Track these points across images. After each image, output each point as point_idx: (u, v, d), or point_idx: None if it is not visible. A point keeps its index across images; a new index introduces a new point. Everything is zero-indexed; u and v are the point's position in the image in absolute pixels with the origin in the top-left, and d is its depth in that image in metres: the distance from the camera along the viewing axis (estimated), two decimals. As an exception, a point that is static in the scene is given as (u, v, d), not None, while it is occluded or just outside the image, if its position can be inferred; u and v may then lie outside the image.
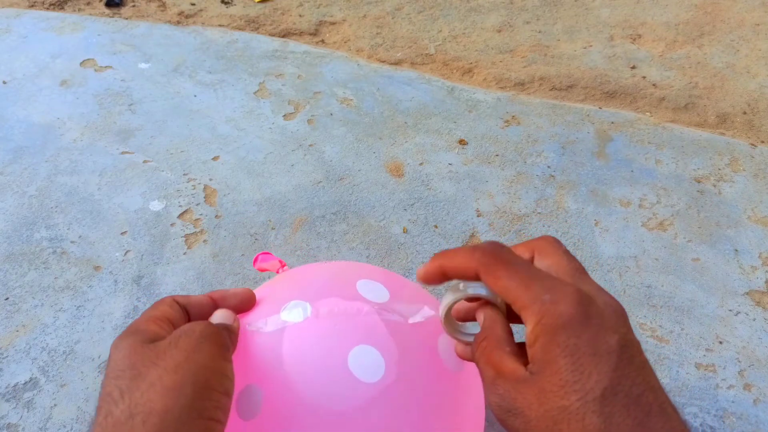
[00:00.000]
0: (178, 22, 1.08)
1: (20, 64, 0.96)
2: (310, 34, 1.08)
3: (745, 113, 0.92)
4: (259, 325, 0.35)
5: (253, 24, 1.09)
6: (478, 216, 0.73)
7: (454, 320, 0.32)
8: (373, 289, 0.38)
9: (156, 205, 0.73)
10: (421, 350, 0.36)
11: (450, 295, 0.31)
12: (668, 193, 0.77)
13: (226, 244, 0.69)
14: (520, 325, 0.26)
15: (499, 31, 1.09)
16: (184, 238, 0.69)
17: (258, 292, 0.41)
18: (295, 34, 1.08)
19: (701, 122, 0.91)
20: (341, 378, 0.33)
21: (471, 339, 0.32)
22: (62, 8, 1.10)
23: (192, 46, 1.01)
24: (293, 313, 0.35)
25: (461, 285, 0.30)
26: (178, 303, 0.32)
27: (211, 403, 0.27)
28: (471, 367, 0.38)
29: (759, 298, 0.65)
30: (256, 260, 0.51)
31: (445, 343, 0.38)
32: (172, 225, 0.71)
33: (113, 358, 0.27)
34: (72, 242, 0.68)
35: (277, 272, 0.49)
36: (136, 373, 0.26)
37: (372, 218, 0.72)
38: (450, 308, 0.31)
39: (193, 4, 1.13)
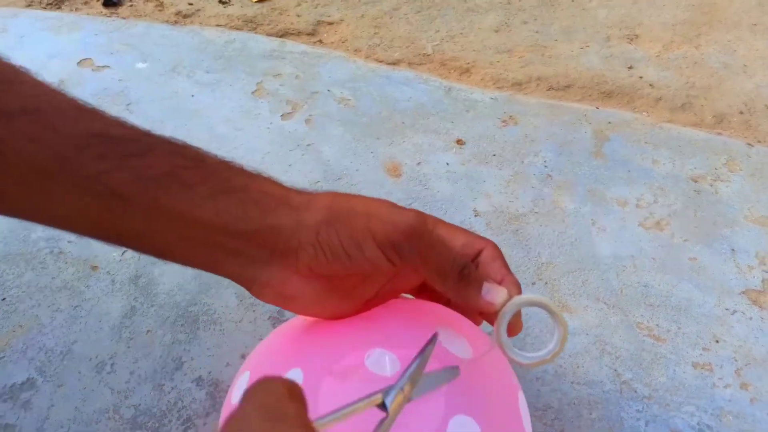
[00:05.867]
0: (176, 22, 1.08)
1: (18, 64, 0.95)
2: (308, 34, 1.08)
3: (741, 113, 0.92)
4: (343, 371, 0.32)
5: (250, 24, 1.09)
6: (475, 216, 0.74)
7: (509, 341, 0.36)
8: (454, 341, 0.35)
9: (153, 205, 0.73)
10: (509, 416, 0.34)
11: (505, 315, 0.35)
12: (665, 193, 0.77)
13: (224, 243, 0.68)
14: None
15: (497, 32, 1.10)
16: (181, 238, 0.69)
17: (323, 321, 0.37)
18: (293, 34, 1.08)
19: (698, 122, 0.91)
20: None
21: (528, 361, 0.35)
22: (59, 8, 1.10)
23: (189, 46, 1.01)
24: (381, 365, 0.31)
25: (510, 302, 0.35)
26: None
27: None
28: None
29: (755, 297, 0.66)
30: None
31: (524, 405, 0.37)
32: (169, 225, 0.71)
33: None
34: (69, 242, 0.68)
35: None
36: None
37: (370, 218, 0.72)
38: (505, 327, 0.35)
39: (190, 4, 1.13)
